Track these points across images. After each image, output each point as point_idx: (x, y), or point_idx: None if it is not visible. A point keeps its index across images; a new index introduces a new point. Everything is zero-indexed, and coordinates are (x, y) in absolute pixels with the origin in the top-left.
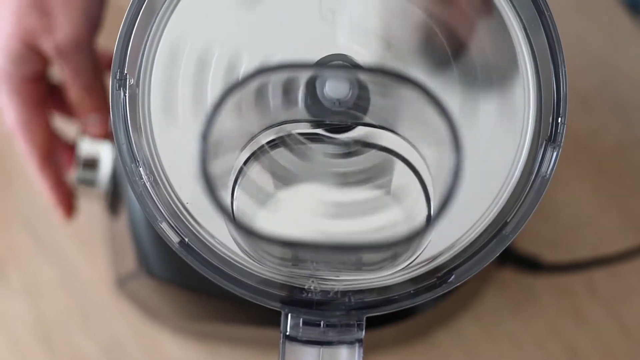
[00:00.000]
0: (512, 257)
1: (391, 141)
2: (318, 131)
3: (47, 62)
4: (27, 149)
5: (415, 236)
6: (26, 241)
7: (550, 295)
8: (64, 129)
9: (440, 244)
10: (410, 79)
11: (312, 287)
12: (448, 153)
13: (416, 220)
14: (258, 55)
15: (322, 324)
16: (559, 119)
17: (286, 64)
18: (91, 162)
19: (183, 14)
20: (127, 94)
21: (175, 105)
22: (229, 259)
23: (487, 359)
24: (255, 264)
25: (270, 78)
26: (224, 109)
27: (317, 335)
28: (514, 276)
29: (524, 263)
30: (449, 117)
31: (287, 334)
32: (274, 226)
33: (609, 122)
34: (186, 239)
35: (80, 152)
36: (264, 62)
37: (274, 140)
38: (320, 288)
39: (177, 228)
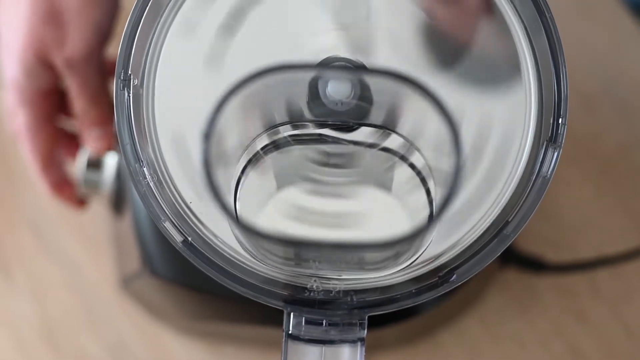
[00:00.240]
0: (515, 257)
1: (393, 141)
2: (321, 132)
3: (59, 75)
4: (31, 154)
5: (417, 235)
6: (31, 241)
7: (553, 295)
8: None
9: (441, 244)
10: (411, 80)
11: (315, 287)
12: (449, 153)
13: (418, 219)
14: (265, 55)
15: (324, 323)
16: (560, 120)
17: (289, 65)
18: (96, 163)
19: (188, 14)
20: (131, 94)
21: (179, 105)
22: (232, 259)
23: (490, 359)
24: (258, 264)
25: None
26: (226, 109)
27: (319, 334)
28: (517, 276)
29: (527, 263)
30: (450, 117)
31: (290, 332)
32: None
33: (612, 124)
34: (189, 239)
35: (85, 152)
36: (269, 62)
37: (276, 141)
38: (322, 287)
39: (181, 227)
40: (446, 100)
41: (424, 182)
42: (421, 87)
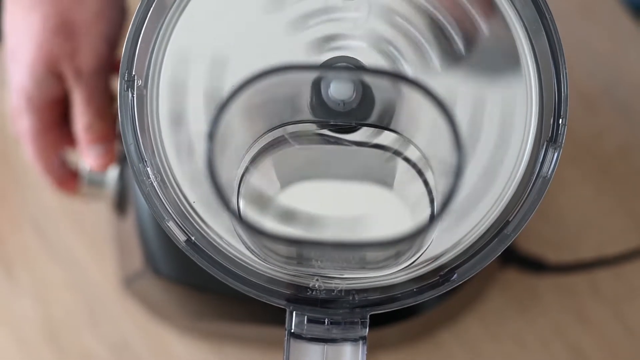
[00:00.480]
0: (516, 257)
1: (394, 141)
2: (323, 132)
3: (67, 86)
4: (34, 157)
5: (418, 234)
6: (34, 241)
7: (554, 295)
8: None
9: (442, 243)
10: (413, 80)
11: (317, 286)
12: (450, 153)
13: (419, 218)
14: (268, 57)
15: (326, 322)
16: (560, 120)
17: (292, 65)
18: None
19: (192, 15)
20: (134, 95)
21: (183, 106)
22: (235, 258)
23: (491, 358)
24: (261, 263)
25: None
26: (230, 109)
27: (321, 332)
28: (518, 276)
29: (527, 263)
30: (451, 117)
31: (292, 331)
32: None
33: (613, 124)
34: (193, 238)
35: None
36: (272, 63)
37: (278, 141)
38: (324, 286)
39: (184, 227)
40: (447, 100)
41: (425, 182)
42: (422, 88)
